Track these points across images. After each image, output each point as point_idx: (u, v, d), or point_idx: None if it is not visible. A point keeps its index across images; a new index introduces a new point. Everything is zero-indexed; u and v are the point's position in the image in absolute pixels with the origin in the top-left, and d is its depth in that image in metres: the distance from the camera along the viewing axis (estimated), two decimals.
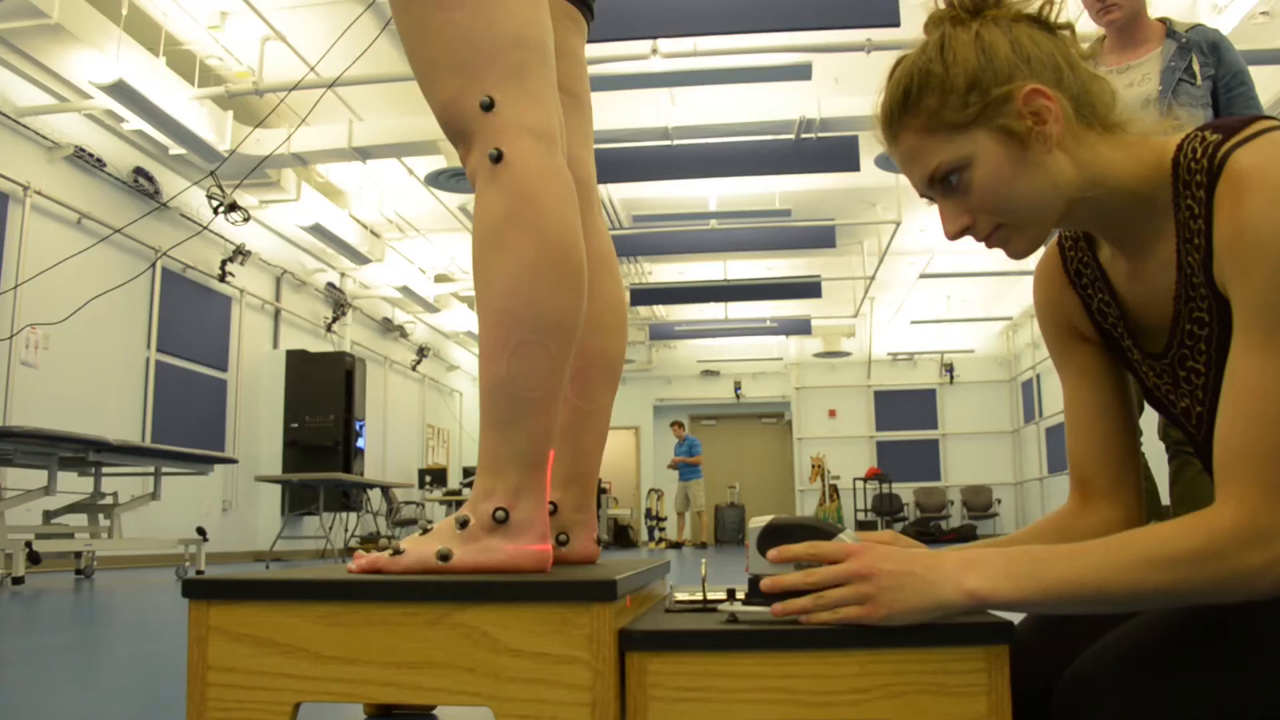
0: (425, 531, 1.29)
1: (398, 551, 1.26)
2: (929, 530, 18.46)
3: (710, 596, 1.33)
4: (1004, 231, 1.12)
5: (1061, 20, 1.12)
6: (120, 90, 7.82)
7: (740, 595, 1.20)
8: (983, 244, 1.15)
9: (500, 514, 1.25)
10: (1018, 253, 1.14)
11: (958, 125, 1.08)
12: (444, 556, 1.24)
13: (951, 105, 1.08)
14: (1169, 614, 1.03)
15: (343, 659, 1.14)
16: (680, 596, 1.36)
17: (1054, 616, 1.23)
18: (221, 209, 9.34)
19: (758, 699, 1.08)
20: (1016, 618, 1.17)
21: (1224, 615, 0.99)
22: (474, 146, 1.36)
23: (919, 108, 1.09)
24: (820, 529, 1.12)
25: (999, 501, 19.32)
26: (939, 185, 1.12)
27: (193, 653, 1.17)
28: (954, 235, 1.15)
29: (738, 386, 21.38)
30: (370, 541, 13.62)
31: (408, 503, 15.36)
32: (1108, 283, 1.21)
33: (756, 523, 1.15)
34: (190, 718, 1.17)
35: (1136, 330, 1.19)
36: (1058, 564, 0.97)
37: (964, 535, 18.27)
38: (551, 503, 1.54)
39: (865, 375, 20.48)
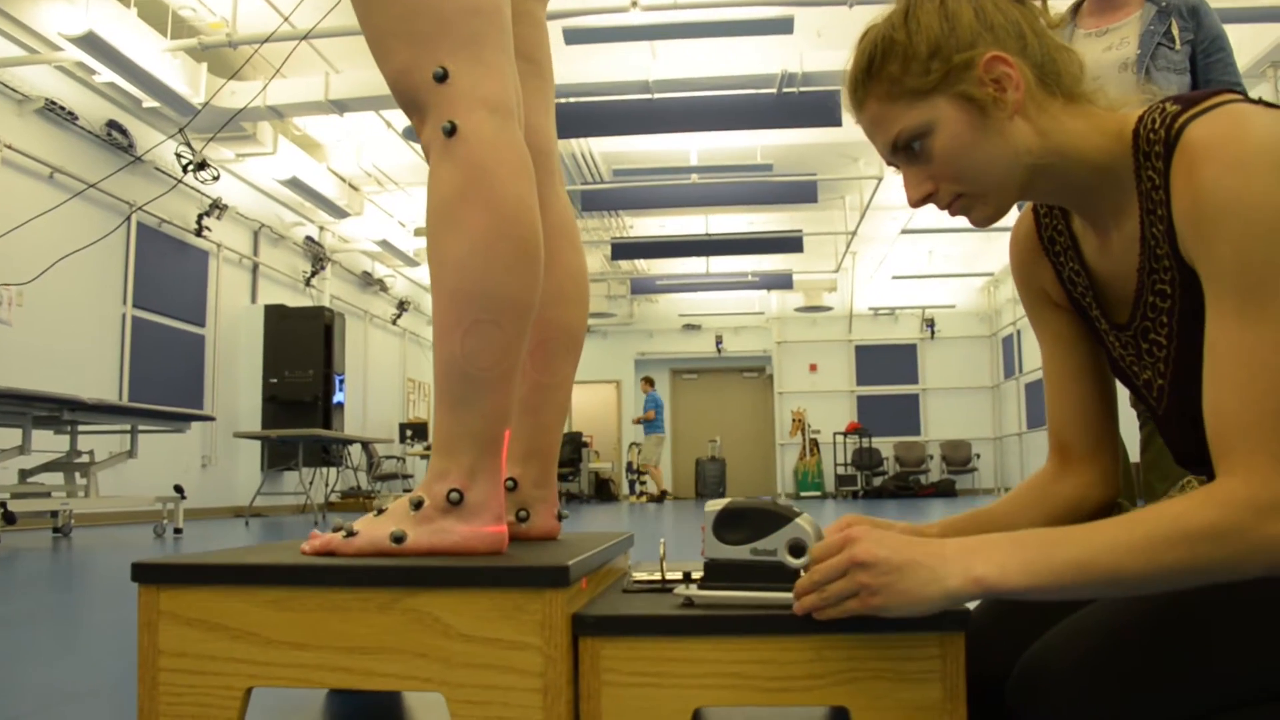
0: (380, 512, 1.28)
1: (351, 533, 1.24)
2: (908, 485, 18.57)
3: (669, 576, 1.32)
4: (965, 200, 1.12)
5: None
6: (90, 42, 7.67)
7: (697, 577, 1.19)
8: (945, 212, 1.15)
9: (455, 495, 1.23)
10: (979, 221, 1.14)
11: (919, 92, 1.08)
12: (398, 538, 1.22)
13: (913, 72, 1.08)
14: (1124, 600, 1.02)
15: (294, 644, 1.13)
16: (639, 576, 1.35)
17: (1010, 602, 1.23)
18: (191, 168, 9.21)
19: (712, 684, 1.08)
20: (972, 604, 1.16)
21: (1176, 601, 0.99)
22: (427, 119, 1.33)
23: (882, 75, 1.10)
24: (775, 511, 1.11)
25: (978, 456, 19.43)
26: (902, 152, 1.12)
27: (143, 638, 1.16)
28: (916, 202, 1.15)
29: (719, 340, 21.37)
30: (351, 496, 13.64)
31: (389, 457, 15.35)
32: (1079, 252, 1.20)
33: (712, 506, 1.14)
34: (142, 702, 1.16)
35: (1104, 301, 1.19)
36: (1068, 546, 0.94)
37: (943, 490, 18.39)
38: (511, 479, 1.53)
39: (846, 330, 20.50)
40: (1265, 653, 0.96)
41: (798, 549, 1.10)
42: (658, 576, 1.33)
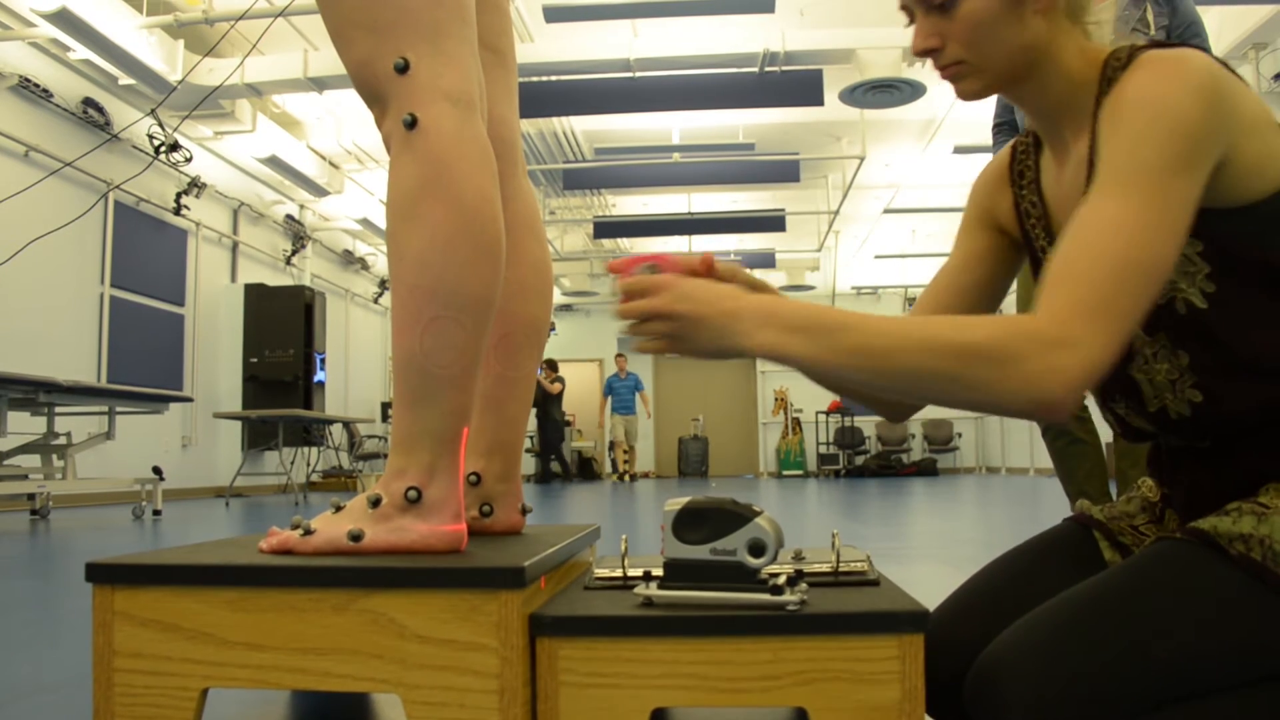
0: (338, 509, 1.26)
1: (308, 531, 1.23)
2: (890, 464, 18.63)
3: (630, 573, 1.32)
4: (964, 67, 1.14)
5: None
6: (64, 18, 7.58)
7: (657, 574, 1.18)
8: (937, 71, 1.17)
9: (413, 493, 1.22)
10: (966, 93, 1.17)
11: None
12: (355, 537, 1.21)
13: None
14: (1082, 596, 1.02)
15: (249, 644, 1.12)
16: (600, 572, 1.34)
17: (973, 601, 1.23)
18: (163, 149, 9.12)
19: (670, 685, 1.07)
20: (932, 606, 1.16)
21: (1127, 593, 1.00)
22: (388, 111, 1.31)
23: None
24: (735, 511, 1.11)
25: (959, 435, 19.51)
26: (925, 1, 1.14)
27: (98, 638, 1.15)
28: (920, 52, 1.17)
29: None
30: (332, 476, 13.60)
31: (370, 436, 15.32)
32: (1039, 185, 1.25)
33: (672, 505, 1.13)
34: (97, 703, 1.15)
35: (1052, 230, 1.23)
36: (855, 333, 0.98)
37: (924, 469, 18.46)
38: (475, 473, 1.52)
39: None
40: (1215, 643, 0.97)
41: (757, 549, 1.10)
42: (619, 573, 1.32)
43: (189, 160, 10.49)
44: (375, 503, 1.23)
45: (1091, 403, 1.37)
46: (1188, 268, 1.06)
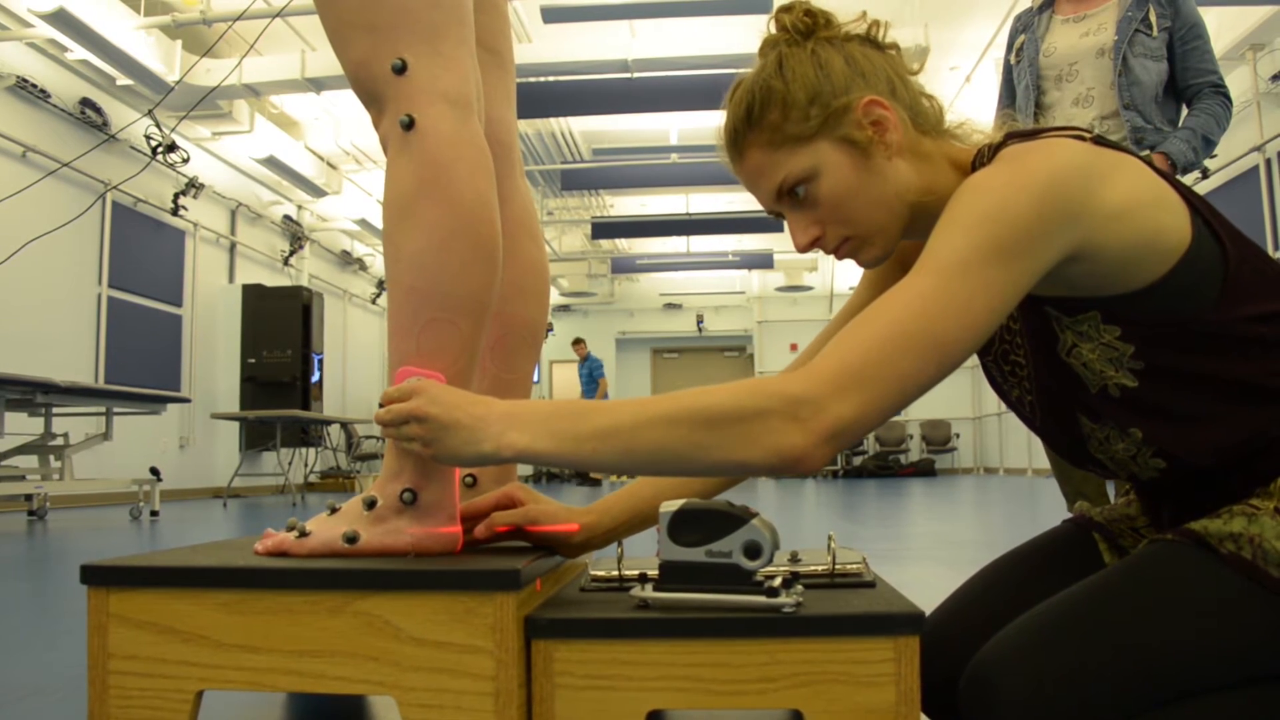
0: (334, 511, 1.26)
1: (304, 533, 1.23)
2: (888, 464, 18.65)
3: (626, 575, 1.31)
4: (853, 243, 1.14)
5: (889, 41, 1.16)
6: (62, 19, 7.58)
7: (653, 575, 1.18)
8: (833, 256, 1.17)
9: (408, 495, 1.22)
10: (868, 262, 1.16)
11: (801, 137, 1.10)
12: (351, 539, 1.21)
13: (794, 119, 1.10)
14: (1075, 597, 1.03)
15: (245, 647, 1.12)
16: (597, 573, 1.34)
17: (970, 603, 1.23)
18: (161, 149, 9.11)
19: (666, 687, 1.07)
20: (929, 608, 1.16)
21: (1117, 596, 1.01)
22: (385, 112, 1.30)
23: (763, 123, 1.12)
24: (730, 513, 1.11)
25: (958, 436, 19.52)
26: (787, 199, 1.14)
27: (93, 641, 1.15)
28: (804, 247, 1.17)
29: (700, 320, 21.37)
30: (330, 477, 13.59)
31: (368, 437, 15.31)
32: None
33: (667, 507, 1.13)
34: (92, 705, 1.15)
35: None
36: (599, 417, 0.99)
37: (922, 469, 18.48)
38: (471, 475, 1.51)
39: (827, 309, 20.52)
40: (1208, 642, 0.98)
41: (753, 551, 1.09)
42: (615, 575, 1.32)
43: (186, 161, 10.49)
44: (371, 505, 1.23)
45: None
46: (1111, 354, 1.06)
